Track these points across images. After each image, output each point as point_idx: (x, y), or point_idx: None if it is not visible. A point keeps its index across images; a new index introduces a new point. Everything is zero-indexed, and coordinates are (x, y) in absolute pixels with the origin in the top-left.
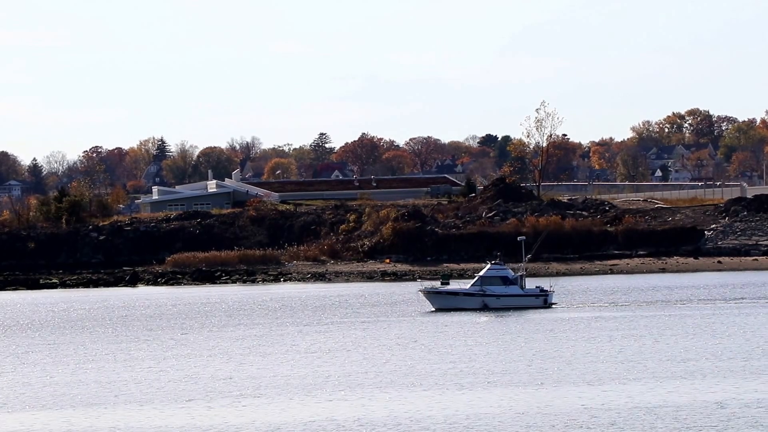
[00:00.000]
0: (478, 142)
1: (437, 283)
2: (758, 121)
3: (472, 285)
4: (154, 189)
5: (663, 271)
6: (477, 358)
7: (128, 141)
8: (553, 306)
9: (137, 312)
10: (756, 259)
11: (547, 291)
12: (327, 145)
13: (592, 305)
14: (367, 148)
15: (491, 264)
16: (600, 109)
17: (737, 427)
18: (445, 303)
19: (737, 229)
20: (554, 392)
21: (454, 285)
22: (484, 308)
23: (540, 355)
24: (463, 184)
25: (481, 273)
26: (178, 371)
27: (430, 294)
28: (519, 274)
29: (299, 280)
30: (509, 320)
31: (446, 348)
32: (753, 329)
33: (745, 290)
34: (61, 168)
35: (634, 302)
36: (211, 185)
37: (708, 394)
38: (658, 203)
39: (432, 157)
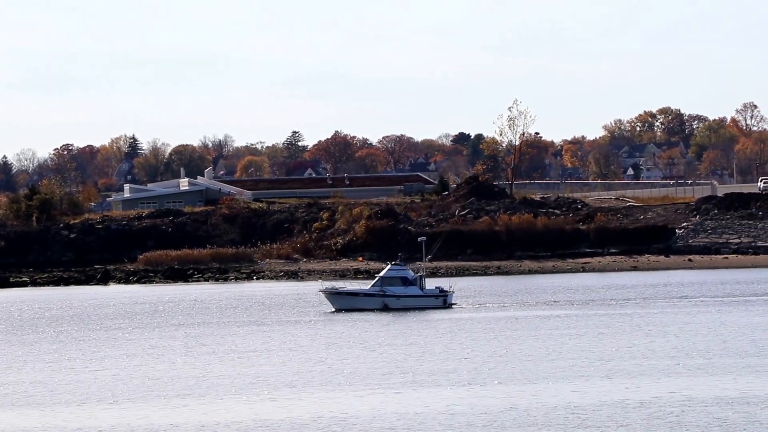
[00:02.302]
0: (451, 141)
1: (338, 284)
2: (729, 119)
3: (372, 285)
4: (126, 187)
5: (635, 269)
6: (345, 359)
7: (100, 139)
8: (453, 306)
9: (91, 311)
10: (726, 257)
11: (446, 292)
12: (300, 143)
13: (492, 305)
14: (340, 146)
15: (391, 264)
16: (572, 107)
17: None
18: (345, 304)
19: (708, 228)
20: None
21: (355, 286)
22: (384, 309)
23: (406, 355)
24: (436, 182)
25: (381, 274)
26: (99, 371)
27: (330, 295)
28: (419, 274)
29: (272, 278)
30: (394, 321)
31: (306, 352)
32: (654, 330)
33: (672, 290)
34: (31, 166)
35: (543, 302)
36: (184, 183)
37: (570, 395)
38: (629, 201)
39: (405, 156)
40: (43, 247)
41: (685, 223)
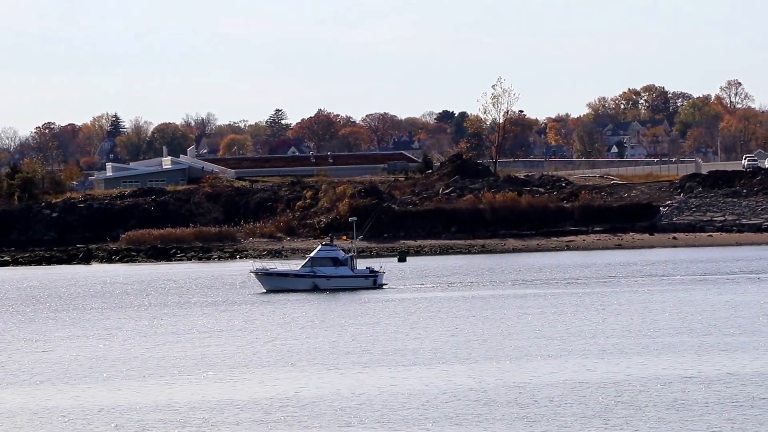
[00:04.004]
0: (434, 119)
1: (269, 264)
2: (713, 97)
3: (302, 266)
4: (108, 165)
5: (619, 247)
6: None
7: (81, 117)
8: (384, 287)
9: (60, 291)
10: (711, 235)
11: (377, 272)
12: (283, 122)
13: (423, 286)
14: (323, 125)
15: (322, 245)
16: (556, 85)
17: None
18: (275, 284)
19: (692, 206)
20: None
21: (287, 267)
22: (315, 289)
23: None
24: (419, 160)
25: (312, 254)
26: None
27: (261, 276)
28: (349, 255)
29: (255, 257)
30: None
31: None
32: (574, 313)
33: (627, 269)
34: (12, 144)
35: (478, 283)
36: (166, 162)
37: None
38: (613, 179)
39: (388, 134)
40: (25, 226)
41: (669, 201)
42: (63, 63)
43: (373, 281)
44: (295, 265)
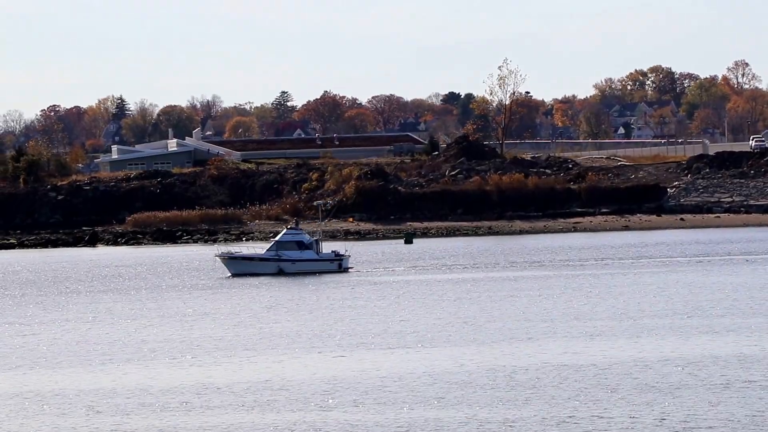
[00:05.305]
0: (440, 100)
1: (234, 248)
2: (720, 78)
3: (267, 250)
4: (114, 148)
5: (626, 228)
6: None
7: (87, 99)
8: (349, 270)
9: (55, 275)
10: (718, 216)
11: (342, 255)
12: (289, 104)
13: (386, 270)
14: (329, 107)
15: (287, 228)
16: (563, 66)
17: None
18: (241, 268)
19: (699, 187)
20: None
21: (251, 251)
22: (280, 273)
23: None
24: (426, 142)
25: (277, 238)
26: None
27: (226, 260)
28: (315, 238)
29: (262, 240)
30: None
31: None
32: (530, 297)
33: (623, 251)
34: (18, 127)
35: (443, 266)
36: (172, 144)
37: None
38: (620, 161)
39: (395, 116)
40: (31, 209)
41: (676, 182)
42: (68, 45)
43: (338, 265)
44: (260, 249)
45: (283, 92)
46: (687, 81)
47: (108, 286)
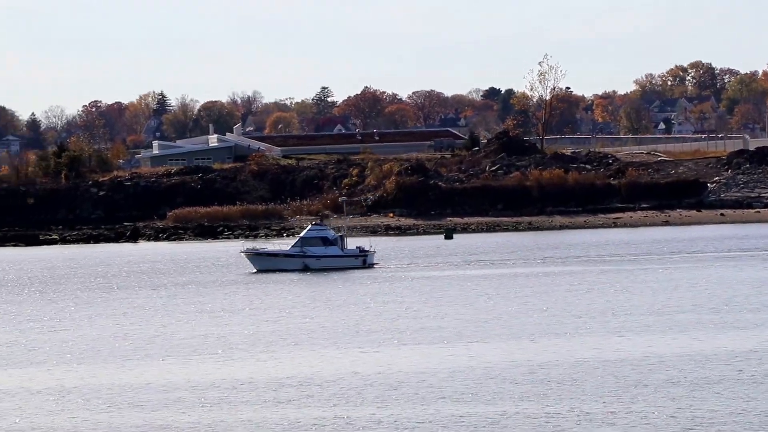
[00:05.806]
0: (481, 96)
1: (259, 245)
2: (760, 73)
3: (292, 246)
4: (155, 143)
5: (666, 224)
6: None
7: (128, 95)
8: (374, 266)
9: (93, 270)
10: (758, 212)
11: (367, 251)
12: (329, 99)
13: (413, 266)
14: (369, 102)
15: (312, 225)
16: (603, 62)
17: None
18: (266, 264)
19: (740, 182)
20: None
21: (277, 247)
22: (305, 269)
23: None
24: (466, 137)
25: (302, 234)
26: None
27: (251, 256)
28: (340, 234)
29: None
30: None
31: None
32: (531, 294)
33: (657, 247)
34: (59, 123)
35: (465, 263)
36: (213, 140)
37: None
38: (661, 156)
39: (435, 111)
40: (72, 204)
41: (716, 178)
42: (110, 41)
43: (362, 261)
44: (286, 245)
45: (324, 88)
46: (727, 76)
47: (126, 283)
